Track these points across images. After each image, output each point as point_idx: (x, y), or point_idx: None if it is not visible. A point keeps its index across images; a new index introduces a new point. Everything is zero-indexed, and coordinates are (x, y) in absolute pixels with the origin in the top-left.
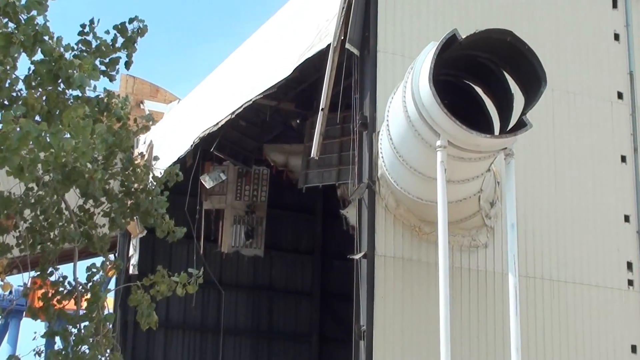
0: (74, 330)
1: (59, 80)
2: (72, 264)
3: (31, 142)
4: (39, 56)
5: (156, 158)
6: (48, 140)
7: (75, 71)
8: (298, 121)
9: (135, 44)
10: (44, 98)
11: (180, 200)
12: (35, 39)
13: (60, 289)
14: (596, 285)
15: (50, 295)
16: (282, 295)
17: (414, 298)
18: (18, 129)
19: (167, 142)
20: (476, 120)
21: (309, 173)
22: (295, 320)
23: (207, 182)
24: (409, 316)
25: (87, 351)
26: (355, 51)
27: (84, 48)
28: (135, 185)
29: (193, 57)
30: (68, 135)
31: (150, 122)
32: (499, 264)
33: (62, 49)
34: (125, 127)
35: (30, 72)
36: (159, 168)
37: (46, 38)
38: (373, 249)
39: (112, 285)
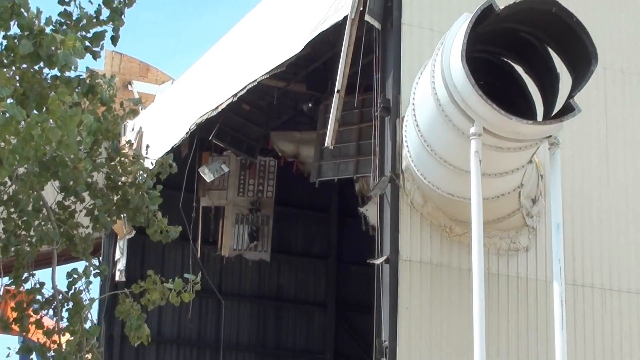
0: (54, 346)
1: (39, 59)
2: (50, 269)
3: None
4: (14, 30)
5: (148, 146)
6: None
7: (58, 48)
8: (310, 105)
9: (123, 16)
10: (17, 78)
11: (174, 197)
12: (12, 12)
13: (37, 297)
14: None
15: (25, 304)
16: (292, 305)
17: (444, 309)
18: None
19: (158, 129)
20: (516, 104)
21: (323, 165)
22: (306, 335)
23: (206, 175)
24: (438, 330)
25: None
26: (376, 24)
27: (63, 20)
28: (123, 178)
29: (188, 31)
30: (53, 124)
31: (139, 106)
32: (542, 270)
33: (42, 24)
34: (111, 112)
35: (3, 48)
36: (150, 158)
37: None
38: (397, 253)
39: (95, 293)
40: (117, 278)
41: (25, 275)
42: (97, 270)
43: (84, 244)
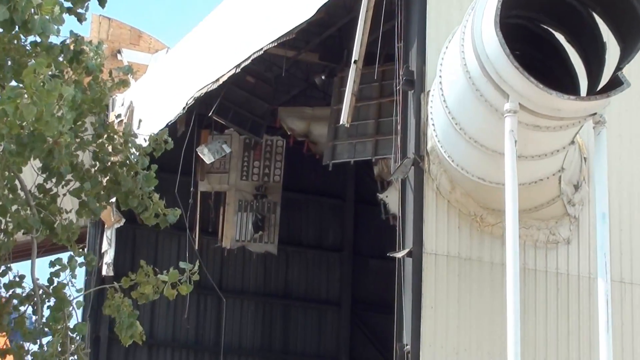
0: (34, 347)
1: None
2: (29, 260)
3: None
4: None
5: (140, 121)
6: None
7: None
8: (323, 77)
9: None
10: None
11: (169, 180)
12: None
13: (18, 290)
14: None
15: (3, 301)
16: (301, 304)
17: (473, 309)
18: None
19: (151, 104)
20: (557, 76)
21: (337, 145)
22: (318, 338)
23: (205, 155)
24: (467, 333)
25: None
26: None
27: None
28: (113, 157)
29: None
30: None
31: (130, 76)
32: (585, 265)
33: None
34: (98, 82)
35: None
36: (142, 134)
37: None
38: (421, 245)
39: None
40: (104, 272)
41: (2, 267)
42: (84, 261)
43: (67, 232)
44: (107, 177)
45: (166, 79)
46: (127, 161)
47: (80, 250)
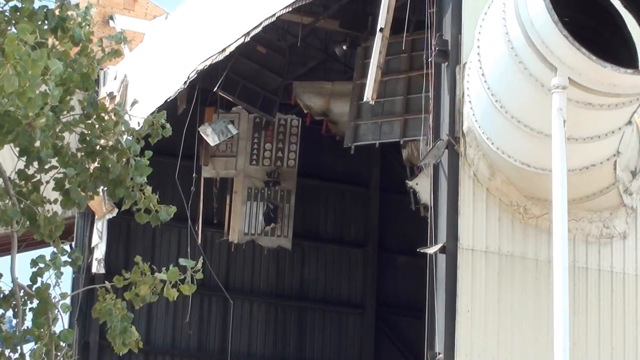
0: (14, 356)
1: None
2: (9, 256)
3: None
4: None
5: (134, 102)
6: None
7: None
8: (344, 47)
9: None
10: None
11: (168, 165)
12: None
13: None
14: None
15: None
16: (319, 307)
17: (515, 313)
18: None
19: (148, 78)
20: (612, 47)
21: (361, 125)
22: (338, 345)
23: (209, 136)
24: (508, 340)
25: None
26: None
27: None
28: (102, 141)
29: None
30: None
31: (124, 46)
32: None
33: None
34: (87, 53)
35: None
36: (137, 116)
37: None
38: (456, 240)
39: (66, 288)
40: (94, 269)
41: None
42: (69, 259)
43: (51, 224)
44: (95, 163)
45: (165, 49)
46: (118, 145)
47: (64, 247)
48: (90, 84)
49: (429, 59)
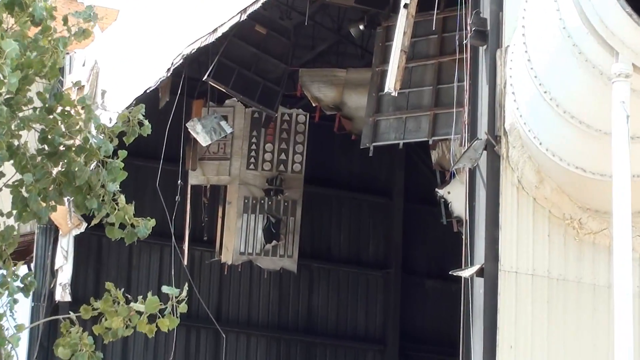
0: None
1: None
2: None
3: None
4: None
5: (103, 92)
6: None
7: None
8: (362, 27)
9: None
10: None
11: (148, 170)
12: None
13: None
14: None
15: None
16: (331, 342)
17: (569, 348)
18: None
19: (124, 64)
20: None
21: (381, 122)
22: None
23: (200, 135)
24: None
25: None
26: None
27: None
28: (67, 140)
29: None
30: None
31: (93, 24)
32: None
33: None
34: (49, 34)
35: None
36: (109, 110)
37: None
38: (496, 260)
39: (24, 318)
40: (58, 297)
41: None
42: (21, 284)
43: (2, 242)
44: (59, 167)
45: (144, 30)
46: (87, 145)
47: (19, 269)
48: (53, 71)
49: (464, 41)
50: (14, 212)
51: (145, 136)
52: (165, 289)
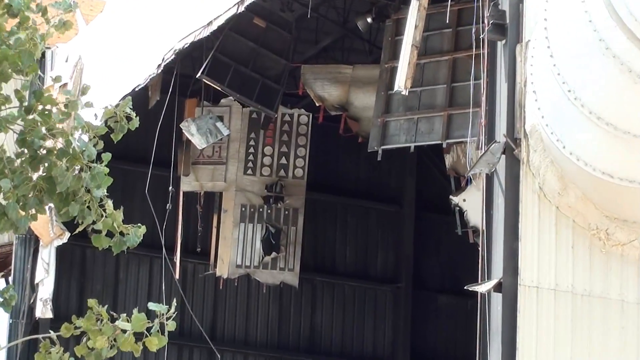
0: None
1: None
2: None
3: None
4: None
5: (86, 87)
6: None
7: None
8: (369, 20)
9: None
10: None
11: (137, 175)
12: None
13: None
14: None
15: None
16: None
17: None
18: None
19: (110, 60)
20: None
21: (391, 123)
22: None
23: (195, 137)
24: None
25: None
26: None
27: None
28: (48, 142)
29: None
30: None
31: (73, 14)
32: None
33: None
34: (27, 26)
35: None
36: (92, 106)
37: None
38: (515, 274)
39: (1, 336)
40: (38, 313)
41: None
42: (0, 298)
43: None
44: (39, 172)
45: (133, 23)
46: (70, 148)
47: None
48: (31, 67)
49: (481, 36)
50: None
51: (136, 139)
52: (152, 305)
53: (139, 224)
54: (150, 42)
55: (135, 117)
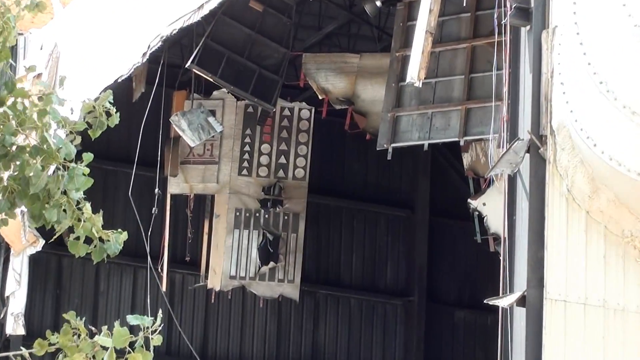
0: None
1: None
2: None
3: None
4: None
5: (62, 78)
6: None
7: None
8: (378, 3)
9: None
10: None
11: (120, 176)
12: None
13: None
14: None
15: None
16: None
17: None
18: None
19: (89, 48)
20: None
21: (402, 118)
22: None
23: (186, 133)
24: None
25: None
26: None
27: None
28: (20, 139)
29: None
30: None
31: None
32: None
33: None
34: None
35: None
36: (66, 99)
37: None
38: (541, 287)
39: None
40: (9, 330)
41: None
42: None
43: None
44: (10, 171)
45: (115, 6)
46: (44, 145)
47: None
48: (3, 54)
49: (503, 21)
50: None
51: (113, 126)
52: (133, 318)
53: (120, 230)
54: (135, 28)
55: (116, 112)
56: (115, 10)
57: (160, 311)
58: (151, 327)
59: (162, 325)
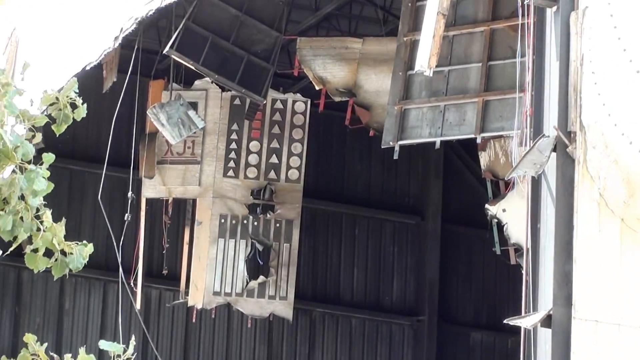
0: None
1: None
2: None
3: None
4: None
5: (25, 65)
6: None
7: None
8: None
9: None
10: None
11: (87, 178)
12: None
13: None
14: None
15: None
16: None
17: None
18: None
19: (53, 32)
20: None
21: (411, 111)
22: None
23: (166, 128)
24: None
25: None
26: None
27: None
28: None
29: None
30: None
31: None
32: None
33: None
34: None
35: None
36: (24, 90)
37: None
38: (569, 305)
39: None
40: None
41: None
42: None
43: None
44: None
45: None
46: (1, 144)
47: None
48: None
49: (526, 1)
50: None
51: (79, 120)
52: (104, 345)
53: (85, 242)
54: (105, 9)
55: (83, 104)
56: None
57: (133, 337)
58: (123, 355)
59: (135, 353)
